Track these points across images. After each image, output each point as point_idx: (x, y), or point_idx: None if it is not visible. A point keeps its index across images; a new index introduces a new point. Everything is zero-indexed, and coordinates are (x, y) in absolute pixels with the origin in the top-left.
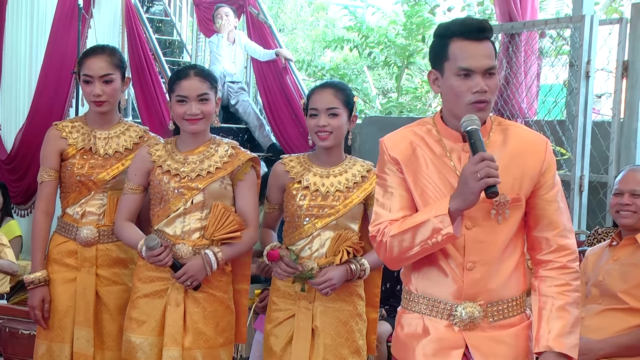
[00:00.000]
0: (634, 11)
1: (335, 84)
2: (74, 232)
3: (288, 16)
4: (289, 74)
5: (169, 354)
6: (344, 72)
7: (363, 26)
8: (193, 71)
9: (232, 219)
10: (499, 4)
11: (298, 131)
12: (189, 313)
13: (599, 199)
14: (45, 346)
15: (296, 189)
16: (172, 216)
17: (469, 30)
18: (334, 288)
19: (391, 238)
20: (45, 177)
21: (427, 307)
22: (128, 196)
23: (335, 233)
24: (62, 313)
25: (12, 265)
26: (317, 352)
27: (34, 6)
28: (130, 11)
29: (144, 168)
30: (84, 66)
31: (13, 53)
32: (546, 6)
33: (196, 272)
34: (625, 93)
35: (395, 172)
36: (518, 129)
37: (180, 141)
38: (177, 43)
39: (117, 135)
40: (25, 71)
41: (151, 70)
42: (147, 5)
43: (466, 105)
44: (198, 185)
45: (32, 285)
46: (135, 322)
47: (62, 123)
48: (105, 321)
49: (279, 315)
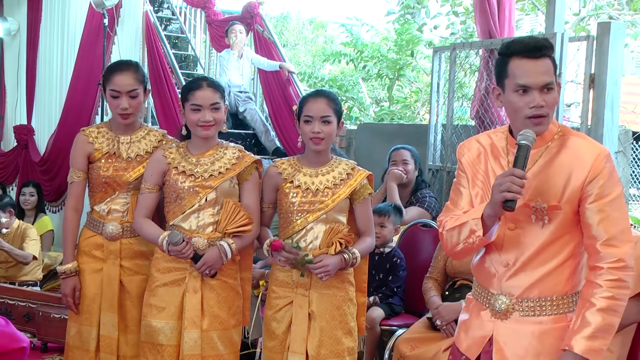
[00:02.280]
0: (600, 29)
1: (327, 94)
2: (100, 227)
3: (291, 33)
4: (292, 85)
5: (190, 335)
6: (341, 83)
7: (358, 42)
8: (205, 82)
9: (242, 214)
10: (480, 23)
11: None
12: (205, 298)
13: None
14: (76, 328)
15: (288, 187)
16: (187, 212)
17: (526, 48)
18: (329, 274)
19: (446, 232)
20: (75, 178)
21: (479, 295)
22: (145, 195)
23: (327, 226)
24: (89, 299)
25: (28, 256)
26: (313, 334)
27: (64, 25)
28: (150, 29)
29: (159, 169)
30: (112, 82)
31: (46, 67)
32: (522, 25)
33: (214, 261)
34: (592, 103)
35: (463, 174)
36: (577, 140)
37: (191, 145)
38: (191, 57)
39: (139, 139)
40: (56, 83)
41: (168, 81)
42: (165, 23)
43: (524, 120)
44: (211, 184)
45: (64, 275)
46: (155, 309)
47: (89, 129)
48: (128, 307)
49: (278, 302)
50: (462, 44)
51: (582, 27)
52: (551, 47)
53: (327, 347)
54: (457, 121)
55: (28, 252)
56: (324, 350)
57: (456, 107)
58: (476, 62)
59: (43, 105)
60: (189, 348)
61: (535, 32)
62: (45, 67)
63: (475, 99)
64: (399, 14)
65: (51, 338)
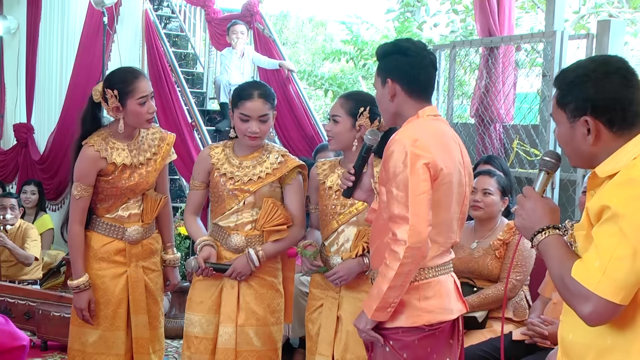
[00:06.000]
0: (600, 27)
1: (263, 91)
2: (121, 233)
3: (291, 31)
4: (292, 84)
5: (225, 330)
6: (341, 82)
7: (358, 40)
8: (257, 92)
9: (279, 213)
10: (480, 21)
11: (299, 134)
12: (242, 294)
13: (569, 195)
14: (97, 334)
15: (323, 189)
16: (227, 213)
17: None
18: (344, 279)
19: None
20: (84, 194)
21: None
22: (194, 192)
23: (357, 230)
24: (115, 304)
25: (30, 257)
26: (340, 337)
27: (64, 23)
28: (150, 27)
29: (205, 168)
30: (139, 89)
31: (46, 65)
32: (522, 23)
33: (242, 268)
34: None
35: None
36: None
37: (237, 146)
38: (191, 56)
39: (143, 142)
40: (56, 81)
41: (168, 80)
42: (164, 22)
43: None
44: (250, 189)
45: (78, 290)
46: (194, 302)
47: (96, 143)
48: (150, 305)
49: (314, 304)
50: (462, 42)
51: (582, 25)
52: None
53: (352, 352)
54: (457, 119)
55: (30, 254)
56: (349, 355)
57: (456, 105)
58: (476, 60)
59: (43, 103)
60: (223, 342)
61: (535, 30)
62: (44, 66)
63: (475, 97)
64: (399, 12)
65: (51, 336)
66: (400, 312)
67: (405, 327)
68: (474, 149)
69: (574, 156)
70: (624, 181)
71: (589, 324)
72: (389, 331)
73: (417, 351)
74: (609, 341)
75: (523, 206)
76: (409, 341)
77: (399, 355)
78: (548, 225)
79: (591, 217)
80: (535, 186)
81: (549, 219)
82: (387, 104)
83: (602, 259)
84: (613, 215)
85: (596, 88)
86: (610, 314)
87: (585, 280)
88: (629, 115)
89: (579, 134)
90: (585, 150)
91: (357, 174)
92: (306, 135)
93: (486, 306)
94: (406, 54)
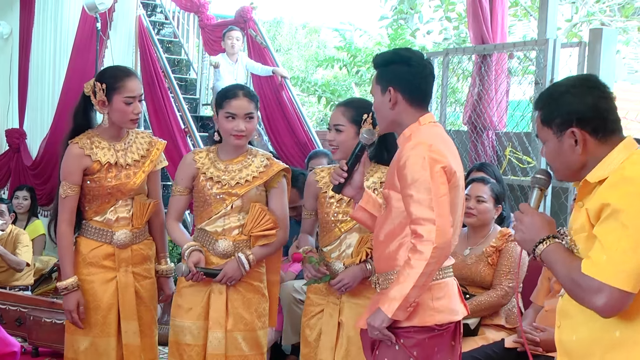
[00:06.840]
0: (592, 36)
1: (248, 91)
2: (109, 237)
3: (284, 38)
4: (285, 90)
5: (214, 335)
6: (334, 88)
7: (351, 47)
8: (242, 91)
9: (267, 218)
10: (473, 29)
11: (293, 141)
12: (230, 300)
13: (561, 202)
14: (88, 341)
15: (324, 197)
16: (214, 217)
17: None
18: (348, 286)
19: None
20: (70, 193)
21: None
22: (177, 198)
23: (359, 236)
24: (105, 310)
25: (21, 263)
26: (341, 343)
27: (57, 28)
28: (143, 33)
29: (190, 173)
30: (126, 87)
31: (38, 71)
32: (514, 31)
33: (233, 273)
34: None
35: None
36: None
37: (221, 150)
38: (184, 61)
39: (131, 144)
40: (49, 87)
41: (161, 85)
42: (158, 28)
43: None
44: (237, 192)
45: (66, 291)
46: (183, 309)
47: (81, 141)
48: (142, 312)
49: (312, 309)
50: (455, 50)
51: (574, 34)
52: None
53: (353, 358)
54: (450, 126)
55: (22, 259)
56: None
57: (449, 112)
58: (469, 68)
59: (35, 109)
60: (213, 347)
61: (528, 38)
62: (37, 71)
63: (467, 104)
64: (392, 19)
65: (42, 342)
66: (415, 311)
67: (418, 326)
68: (466, 156)
69: (563, 169)
70: (619, 180)
71: (603, 315)
72: (402, 330)
73: (426, 350)
74: (617, 334)
75: (522, 221)
76: (420, 339)
77: (410, 353)
78: (547, 235)
79: (591, 217)
80: (531, 202)
81: (548, 230)
82: (386, 111)
83: (608, 253)
84: (613, 212)
85: (579, 101)
86: (624, 302)
87: (596, 273)
88: (609, 123)
89: (567, 146)
90: (575, 161)
91: (349, 171)
92: (299, 142)
93: (479, 313)
94: (409, 64)
